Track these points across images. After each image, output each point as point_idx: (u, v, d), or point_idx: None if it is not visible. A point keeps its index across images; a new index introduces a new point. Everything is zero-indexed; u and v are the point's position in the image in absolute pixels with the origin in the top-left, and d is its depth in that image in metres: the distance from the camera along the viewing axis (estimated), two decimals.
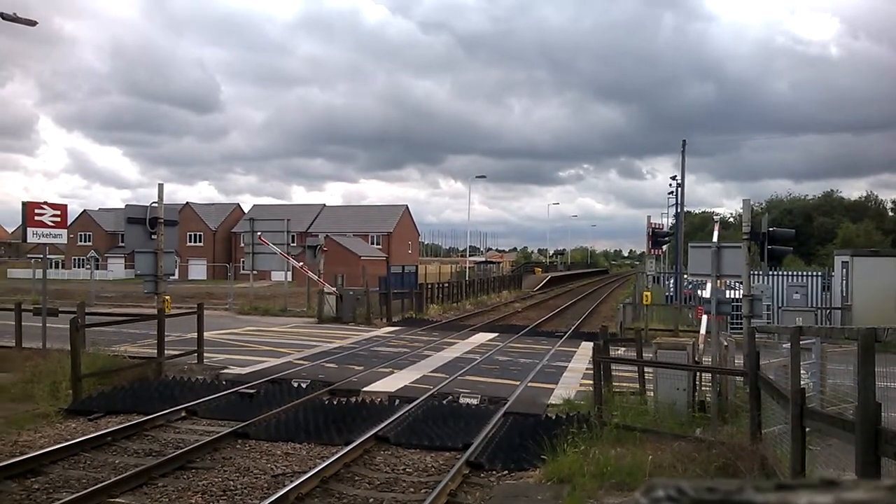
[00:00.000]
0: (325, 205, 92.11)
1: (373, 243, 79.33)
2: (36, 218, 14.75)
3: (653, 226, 26.10)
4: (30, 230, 14.80)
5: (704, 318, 12.42)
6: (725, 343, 11.25)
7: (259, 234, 29.08)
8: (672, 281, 35.84)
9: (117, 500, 7.26)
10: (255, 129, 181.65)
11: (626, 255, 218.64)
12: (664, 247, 36.95)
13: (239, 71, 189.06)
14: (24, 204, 14.83)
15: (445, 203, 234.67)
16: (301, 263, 30.36)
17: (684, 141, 37.57)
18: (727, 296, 15.53)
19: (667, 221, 51.65)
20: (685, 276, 29.67)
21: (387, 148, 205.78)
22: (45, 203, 15.07)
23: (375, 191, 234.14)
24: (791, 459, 5.85)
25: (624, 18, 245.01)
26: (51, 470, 8.28)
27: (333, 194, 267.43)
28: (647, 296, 23.59)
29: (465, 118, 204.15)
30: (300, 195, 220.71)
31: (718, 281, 12.02)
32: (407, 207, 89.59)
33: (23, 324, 17.48)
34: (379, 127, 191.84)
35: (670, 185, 47.02)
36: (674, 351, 10.33)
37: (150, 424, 10.24)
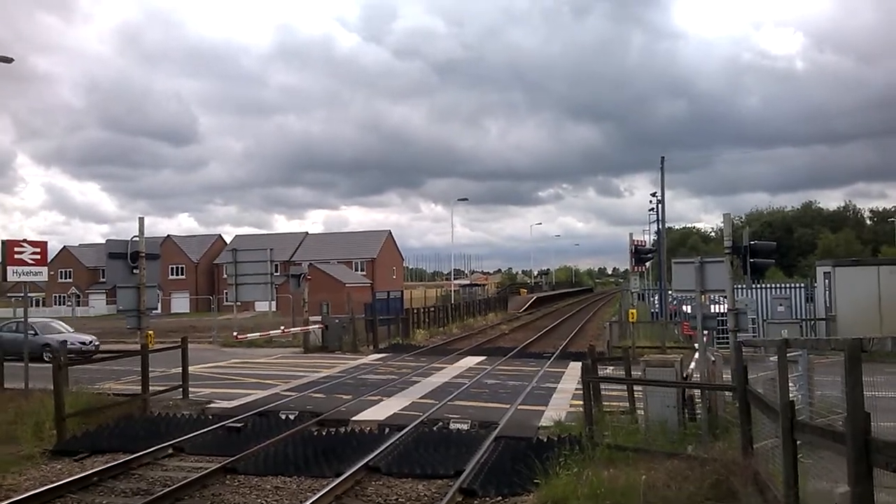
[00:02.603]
0: (307, 233, 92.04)
1: (357, 270, 79.23)
2: (16, 256, 14.62)
3: (635, 243, 26.27)
4: (10, 269, 14.66)
5: (702, 338, 12.38)
6: (713, 358, 11.28)
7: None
8: (657, 297, 35.99)
9: None
10: (235, 159, 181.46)
11: (609, 272, 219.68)
12: (647, 263, 37.18)
13: (216, 102, 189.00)
14: (3, 242, 14.69)
15: (427, 227, 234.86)
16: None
17: (663, 158, 38.03)
18: (712, 310, 15.63)
19: (648, 238, 52.03)
20: (670, 292, 29.85)
21: (366, 174, 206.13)
22: (25, 241, 14.94)
23: (357, 217, 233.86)
24: (784, 473, 5.84)
25: (592, 40, 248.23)
26: None
27: (315, 221, 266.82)
28: (632, 313, 23.67)
29: (443, 142, 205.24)
30: (282, 224, 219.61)
31: (703, 296, 12.09)
32: (390, 233, 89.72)
33: (4, 363, 17.23)
34: (358, 153, 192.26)
35: (650, 201, 47.45)
36: (662, 368, 10.34)
37: (136, 463, 10.06)
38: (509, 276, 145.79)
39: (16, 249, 14.74)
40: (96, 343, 26.12)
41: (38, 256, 15.04)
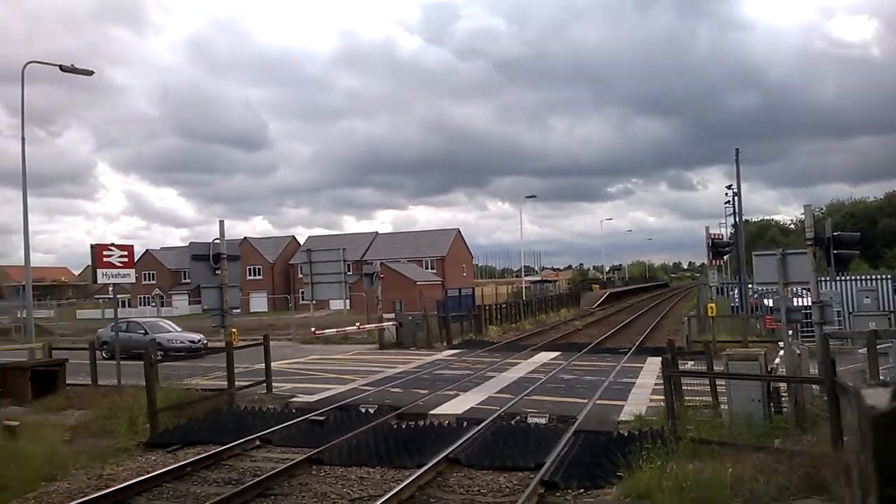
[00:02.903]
0: (377, 233, 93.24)
1: (427, 268, 79.83)
2: (105, 259, 15.36)
3: (712, 237, 25.63)
4: (99, 271, 15.41)
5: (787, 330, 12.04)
6: (798, 351, 10.96)
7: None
8: (736, 291, 35.04)
9: None
10: (303, 163, 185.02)
11: (685, 266, 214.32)
12: (725, 257, 36.19)
13: (284, 108, 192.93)
14: (92, 246, 15.46)
15: (495, 224, 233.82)
16: None
17: (737, 150, 36.82)
18: (795, 304, 15.16)
19: (725, 231, 50.63)
20: (750, 285, 29.01)
21: (432, 173, 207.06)
22: (113, 244, 15.68)
23: (425, 216, 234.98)
24: None
25: (657, 33, 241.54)
26: (136, 502, 8.55)
27: (384, 222, 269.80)
28: (711, 307, 23.11)
29: (508, 140, 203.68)
30: (351, 224, 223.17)
31: (785, 288, 11.76)
32: (458, 231, 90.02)
33: (97, 362, 18.14)
34: (423, 153, 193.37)
35: (726, 194, 46.11)
36: (746, 362, 10.11)
37: (226, 454, 10.47)
38: (580, 272, 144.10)
39: (104, 253, 15.50)
40: (204, 341, 26.54)
41: (126, 259, 15.77)
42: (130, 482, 9.03)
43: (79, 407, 14.43)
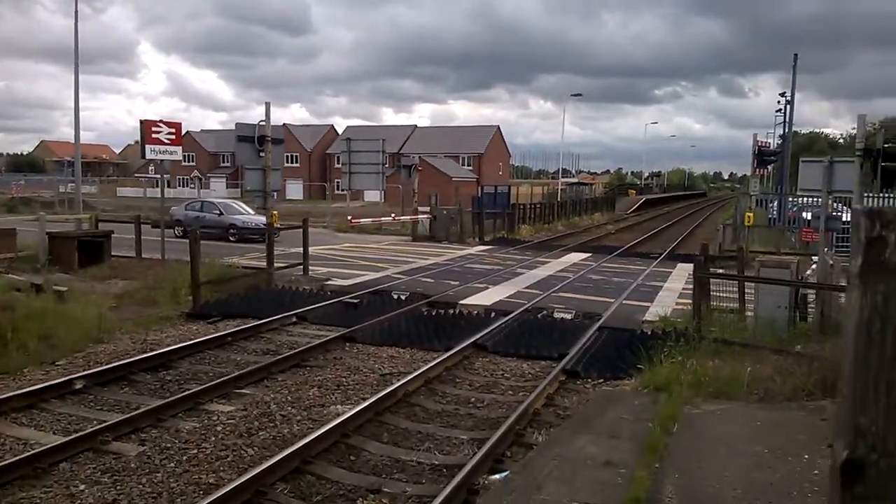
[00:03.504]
0: (416, 126, 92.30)
1: (464, 164, 79.38)
2: (153, 135, 15.63)
3: (759, 144, 25.02)
4: (147, 147, 15.72)
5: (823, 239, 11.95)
6: (831, 262, 10.96)
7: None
8: (776, 203, 34.52)
9: (243, 390, 7.96)
10: (345, 50, 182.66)
11: (725, 177, 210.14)
12: (770, 167, 35.41)
13: None
14: (142, 122, 15.71)
15: (535, 124, 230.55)
16: None
17: (796, 55, 35.33)
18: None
19: (773, 141, 49.25)
20: (791, 199, 28.54)
21: (475, 67, 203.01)
22: (161, 121, 15.90)
23: (464, 112, 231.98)
24: None
25: None
26: (179, 365, 9.10)
27: (422, 115, 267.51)
28: (749, 216, 22.87)
29: (556, 34, 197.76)
30: (389, 117, 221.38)
31: (828, 197, 11.62)
32: (498, 128, 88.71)
33: (142, 237, 18.75)
34: (467, 45, 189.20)
35: (778, 102, 44.53)
36: (777, 269, 10.16)
37: (265, 328, 10.99)
38: (618, 176, 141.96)
39: (153, 129, 15.76)
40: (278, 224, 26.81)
41: (174, 136, 16.03)
42: (174, 347, 9.60)
43: (123, 277, 15.05)
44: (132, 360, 8.86)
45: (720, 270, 15.39)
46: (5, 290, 11.88)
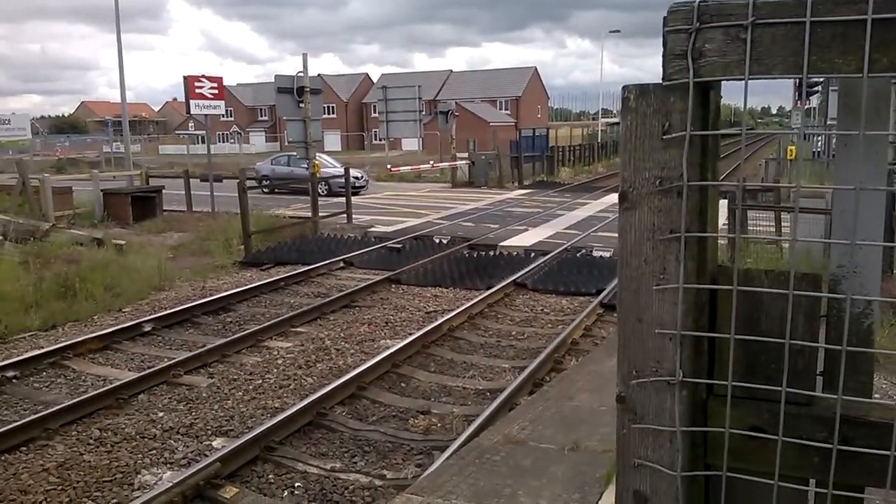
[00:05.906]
0: (451, 71, 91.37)
1: (501, 109, 78.71)
2: (196, 91, 16.08)
3: None
4: (192, 102, 16.20)
5: None
6: None
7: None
8: (822, 138, 33.80)
9: (298, 328, 8.51)
10: None
11: (773, 112, 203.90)
12: (815, 98, 34.52)
13: None
14: (185, 78, 16.16)
15: (573, 63, 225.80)
16: None
17: None
18: None
19: None
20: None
21: (508, 6, 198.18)
22: (204, 76, 16.33)
23: (499, 55, 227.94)
24: None
25: None
26: (237, 308, 9.69)
27: (456, 60, 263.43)
28: (791, 150, 22.58)
29: None
30: (422, 62, 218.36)
31: None
32: (535, 70, 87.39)
33: (191, 192, 19.43)
34: None
35: None
36: (814, 199, 10.27)
37: (314, 273, 11.53)
38: None
39: (196, 84, 16.21)
40: (366, 178, 27.03)
41: (216, 91, 16.48)
42: (231, 292, 10.19)
43: (177, 230, 15.74)
44: (194, 304, 9.47)
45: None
46: (69, 244, 12.63)
